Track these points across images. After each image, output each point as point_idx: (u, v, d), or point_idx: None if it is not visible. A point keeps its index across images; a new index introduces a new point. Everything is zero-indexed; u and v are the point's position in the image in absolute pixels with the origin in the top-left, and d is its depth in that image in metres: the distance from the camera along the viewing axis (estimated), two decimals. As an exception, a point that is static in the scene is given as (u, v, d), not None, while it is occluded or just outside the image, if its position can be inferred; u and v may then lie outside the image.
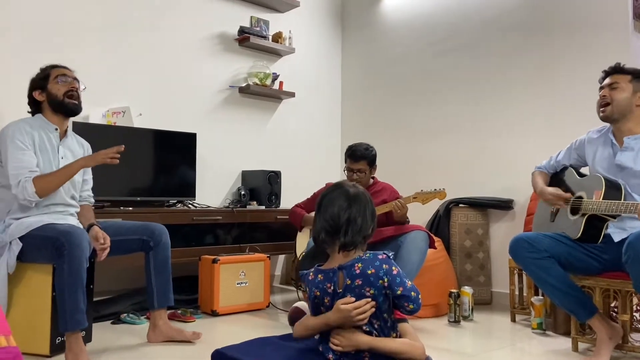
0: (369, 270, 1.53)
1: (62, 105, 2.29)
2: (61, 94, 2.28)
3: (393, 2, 4.23)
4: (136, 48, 3.45)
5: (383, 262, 1.54)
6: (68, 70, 2.35)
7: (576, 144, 2.52)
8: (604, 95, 2.30)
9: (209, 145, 3.73)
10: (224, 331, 2.68)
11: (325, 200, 1.61)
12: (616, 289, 2.29)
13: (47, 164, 2.24)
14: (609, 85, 2.31)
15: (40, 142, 2.24)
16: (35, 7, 3.06)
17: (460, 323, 2.86)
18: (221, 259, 3.00)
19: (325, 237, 1.58)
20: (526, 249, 2.29)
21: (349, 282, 1.53)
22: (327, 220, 1.58)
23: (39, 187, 2.11)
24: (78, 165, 2.21)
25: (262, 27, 4.01)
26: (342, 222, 1.56)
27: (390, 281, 1.53)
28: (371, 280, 1.52)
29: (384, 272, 1.53)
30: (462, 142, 3.71)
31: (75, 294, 1.99)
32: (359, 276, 1.53)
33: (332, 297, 1.57)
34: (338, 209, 1.57)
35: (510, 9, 3.49)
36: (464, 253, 3.41)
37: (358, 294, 1.53)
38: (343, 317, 1.53)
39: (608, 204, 2.12)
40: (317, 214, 1.62)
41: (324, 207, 1.60)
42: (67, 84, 2.30)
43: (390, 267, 1.54)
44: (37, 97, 2.29)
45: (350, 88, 4.56)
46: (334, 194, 1.61)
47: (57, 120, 2.32)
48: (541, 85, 3.33)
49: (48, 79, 2.29)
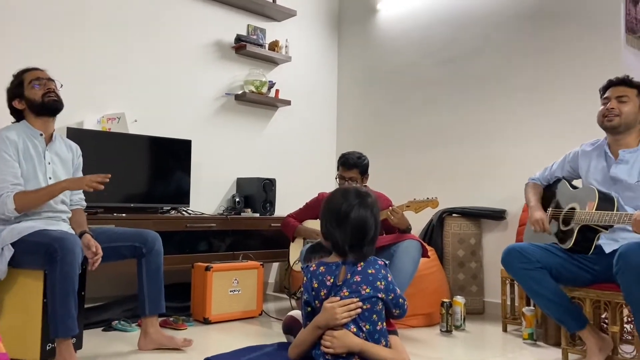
0: (369, 270, 1.62)
1: (43, 106, 2.27)
2: (39, 96, 2.26)
3: (389, 12, 4.26)
4: (132, 54, 3.46)
5: (382, 267, 1.65)
6: (41, 71, 2.32)
7: (570, 156, 2.53)
8: (613, 108, 2.28)
9: (204, 152, 3.74)
10: (216, 339, 2.68)
11: (353, 215, 1.64)
12: (606, 301, 2.30)
13: (32, 172, 2.22)
14: (618, 98, 2.29)
15: (24, 149, 2.22)
16: (30, 12, 3.07)
17: (452, 333, 2.86)
18: (214, 267, 2.99)
19: (350, 248, 1.64)
20: (518, 259, 2.30)
21: (349, 276, 1.60)
22: (354, 234, 1.63)
23: (19, 203, 2.10)
24: (61, 187, 2.19)
25: (259, 35, 4.04)
26: (369, 238, 1.65)
27: (386, 285, 1.61)
28: (370, 280, 1.60)
29: (383, 276, 1.62)
30: (456, 152, 3.73)
31: (67, 301, 1.99)
32: (360, 273, 1.61)
33: (329, 290, 1.61)
34: (367, 225, 1.65)
35: (506, 22, 3.53)
36: (457, 262, 3.42)
37: (354, 290, 1.58)
38: (329, 315, 1.55)
39: (601, 214, 2.14)
40: (342, 225, 1.64)
41: (354, 221, 1.64)
42: (43, 86, 2.28)
43: (387, 273, 1.64)
44: (17, 105, 2.28)
45: (346, 97, 4.58)
46: (361, 211, 1.65)
47: (41, 124, 2.30)
48: (535, 97, 3.36)
49: (23, 85, 2.27)
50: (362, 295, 1.58)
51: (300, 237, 3.17)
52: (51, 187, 2.19)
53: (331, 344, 1.56)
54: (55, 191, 2.19)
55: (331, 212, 1.66)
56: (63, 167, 2.37)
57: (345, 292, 1.59)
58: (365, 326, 1.58)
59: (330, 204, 1.69)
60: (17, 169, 2.17)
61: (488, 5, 3.63)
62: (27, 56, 3.01)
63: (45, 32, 3.11)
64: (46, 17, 3.12)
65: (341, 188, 1.78)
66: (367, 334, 1.58)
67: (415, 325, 2.96)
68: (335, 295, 1.60)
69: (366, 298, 1.58)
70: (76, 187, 2.22)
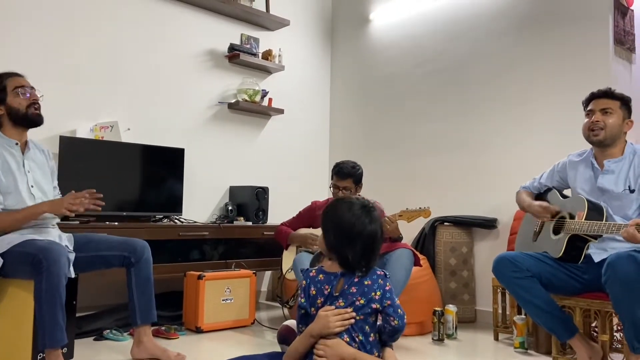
0: (366, 281, 1.62)
1: (26, 118, 2.25)
2: (24, 107, 2.24)
3: (382, 22, 4.30)
4: (126, 63, 3.47)
5: (380, 277, 1.65)
6: (22, 78, 2.29)
7: (558, 166, 2.57)
8: (597, 120, 2.31)
9: (197, 161, 3.74)
10: (208, 348, 2.67)
11: (365, 232, 1.64)
12: (596, 309, 2.32)
13: (13, 184, 2.19)
14: (603, 110, 2.32)
15: (3, 162, 2.19)
16: (23, 20, 3.07)
17: (444, 341, 2.87)
18: (207, 275, 2.99)
19: (359, 264, 1.64)
20: (509, 268, 2.32)
21: (346, 287, 1.61)
22: (366, 250, 1.64)
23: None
24: (41, 211, 2.17)
25: (252, 44, 4.06)
26: (377, 252, 1.67)
27: (381, 295, 1.61)
28: (365, 291, 1.60)
29: (379, 286, 1.62)
30: (448, 161, 3.76)
31: (54, 311, 1.97)
32: (356, 284, 1.61)
33: (325, 299, 1.63)
34: (377, 240, 1.66)
35: (496, 33, 3.57)
36: (449, 271, 3.44)
37: (350, 301, 1.60)
38: (323, 324, 1.57)
39: (590, 224, 2.16)
40: (353, 242, 1.64)
41: (365, 238, 1.64)
42: (29, 96, 2.25)
43: (385, 283, 1.64)
44: None
45: (339, 106, 4.61)
46: (372, 226, 1.66)
47: (16, 134, 2.27)
48: (524, 107, 3.39)
49: (5, 91, 2.22)
50: (356, 306, 1.59)
51: (294, 244, 3.17)
52: (31, 210, 2.16)
53: (324, 352, 1.56)
54: (34, 215, 2.16)
55: (341, 228, 1.65)
56: (41, 173, 2.35)
57: (340, 302, 1.60)
58: (357, 337, 1.59)
59: (338, 218, 1.66)
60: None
61: (478, 16, 3.67)
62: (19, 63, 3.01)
63: (38, 40, 3.11)
64: (38, 25, 3.12)
65: (344, 200, 1.73)
66: (359, 344, 1.59)
67: (407, 334, 2.96)
68: (330, 305, 1.61)
69: (360, 308, 1.59)
70: (56, 211, 2.17)
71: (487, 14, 3.63)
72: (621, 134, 2.33)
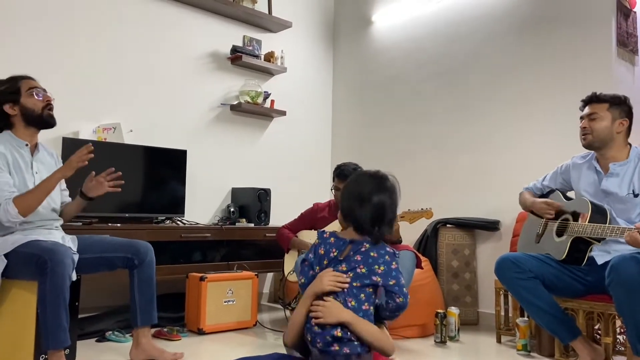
0: (372, 253, 1.62)
1: (40, 119, 2.26)
2: (39, 107, 2.25)
3: (384, 24, 4.31)
4: (128, 64, 3.48)
5: (387, 253, 1.63)
6: (34, 81, 2.31)
7: (562, 168, 2.57)
8: (584, 127, 2.36)
9: (200, 162, 3.74)
10: (210, 350, 2.67)
11: (375, 199, 1.66)
12: (599, 312, 2.31)
13: (22, 183, 2.21)
14: (588, 116, 2.36)
15: (13, 161, 2.20)
16: (26, 22, 3.08)
17: (446, 344, 2.86)
18: (209, 277, 2.99)
19: (371, 227, 1.65)
20: (511, 269, 2.32)
21: (352, 254, 1.62)
22: (373, 215, 1.65)
23: (20, 207, 2.08)
24: (56, 179, 2.16)
25: (255, 46, 4.06)
26: (387, 219, 1.66)
27: (386, 271, 1.59)
28: (369, 262, 1.60)
29: (384, 262, 1.61)
30: (450, 163, 3.76)
31: (58, 312, 1.97)
32: (362, 253, 1.62)
33: (330, 261, 1.65)
34: (387, 206, 1.67)
35: (497, 35, 3.57)
36: (451, 273, 3.43)
37: (352, 267, 1.60)
38: (317, 281, 1.60)
39: (594, 227, 2.16)
40: (363, 205, 1.66)
41: (375, 204, 1.66)
42: (43, 97, 2.27)
43: (391, 261, 1.62)
44: (9, 110, 2.23)
45: (341, 107, 4.61)
46: (382, 195, 1.68)
47: (28, 135, 2.28)
48: (527, 109, 3.39)
49: (20, 92, 2.24)
50: (357, 273, 1.59)
51: (295, 249, 3.17)
52: (46, 181, 2.15)
53: (322, 313, 1.55)
54: (52, 183, 2.16)
55: (351, 192, 1.71)
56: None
57: (343, 266, 1.61)
58: (351, 302, 1.57)
59: (350, 185, 1.75)
60: (9, 179, 2.16)
61: (480, 18, 3.67)
62: (23, 66, 3.02)
63: (41, 42, 3.12)
64: (42, 27, 3.13)
65: (360, 171, 1.86)
66: (351, 309, 1.57)
67: (409, 336, 2.96)
68: (334, 269, 1.62)
69: (360, 276, 1.59)
70: (69, 171, 2.16)
71: (488, 16, 3.63)
72: (613, 135, 2.33)
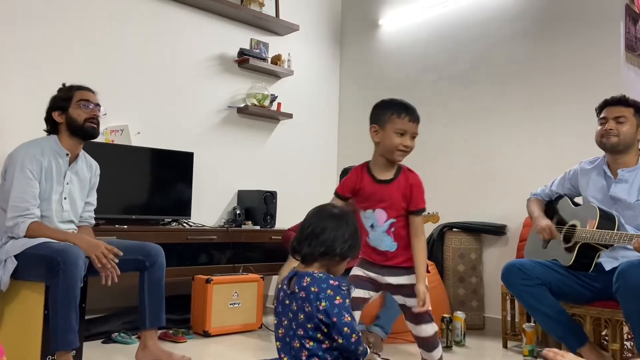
0: (312, 288, 1.49)
1: (81, 129, 2.30)
2: (82, 119, 2.29)
3: (391, 28, 4.31)
4: (136, 67, 3.49)
5: (331, 287, 1.49)
6: (92, 94, 2.35)
7: (570, 174, 2.55)
8: (611, 128, 2.29)
9: (206, 165, 3.75)
10: (215, 352, 2.67)
11: (306, 222, 1.63)
12: (607, 318, 2.30)
13: (48, 192, 2.25)
14: (616, 118, 2.30)
15: (48, 168, 2.25)
16: (34, 25, 3.10)
17: (452, 348, 2.85)
18: (214, 279, 3.00)
19: (295, 244, 1.60)
20: (518, 276, 2.31)
21: (297, 290, 1.52)
22: (299, 230, 1.61)
23: (30, 233, 2.13)
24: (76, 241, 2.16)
25: (262, 49, 4.07)
26: (305, 233, 1.58)
27: (327, 308, 1.46)
28: (311, 298, 1.48)
29: (325, 297, 1.47)
30: (457, 167, 3.75)
31: (68, 314, 1.99)
32: (304, 289, 1.50)
33: (285, 294, 1.57)
34: (308, 223, 1.61)
35: (506, 39, 3.56)
36: (457, 277, 3.42)
37: (299, 306, 1.50)
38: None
39: (601, 233, 2.15)
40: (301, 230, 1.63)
41: (305, 222, 1.64)
42: (89, 110, 2.31)
43: (335, 296, 1.47)
44: (56, 118, 2.30)
45: (348, 110, 4.61)
46: (310, 218, 1.63)
47: (71, 144, 2.33)
48: (534, 113, 3.38)
49: (70, 101, 2.29)
50: (306, 313, 1.49)
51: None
52: (65, 236, 2.19)
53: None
54: (67, 239, 2.17)
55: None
56: (80, 187, 2.40)
57: (294, 306, 1.52)
58: (308, 342, 1.48)
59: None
60: (37, 189, 2.20)
61: (487, 22, 3.66)
62: (30, 66, 3.04)
63: (50, 44, 3.14)
64: (50, 29, 3.15)
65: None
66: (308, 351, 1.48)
67: (413, 340, 2.94)
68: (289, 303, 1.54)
69: (309, 317, 1.48)
70: (91, 251, 2.15)
71: (495, 20, 3.62)
72: (634, 142, 2.31)
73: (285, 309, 1.56)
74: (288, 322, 1.54)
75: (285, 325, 1.55)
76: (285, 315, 1.55)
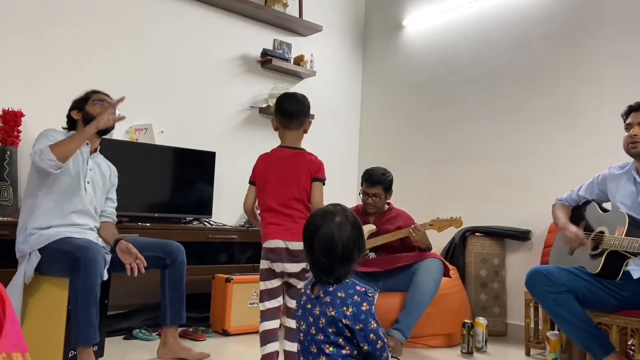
0: (339, 293, 1.47)
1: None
2: (96, 114, 2.35)
3: (415, 29, 4.27)
4: (161, 67, 3.53)
5: (357, 293, 1.46)
6: (108, 97, 2.44)
7: (599, 179, 2.48)
8: (636, 134, 2.25)
9: (228, 164, 3.77)
10: (234, 351, 2.68)
11: (319, 234, 1.52)
12: (634, 327, 2.24)
13: (75, 167, 2.32)
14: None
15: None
16: (61, 27, 3.16)
17: (473, 354, 2.81)
18: (234, 278, 3.01)
19: (321, 269, 1.52)
20: (543, 282, 2.25)
21: (322, 294, 1.49)
22: (322, 252, 1.51)
23: (57, 152, 2.14)
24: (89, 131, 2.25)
25: (285, 50, 4.08)
26: (338, 257, 1.50)
27: (354, 313, 1.44)
28: (337, 303, 1.46)
29: (352, 303, 1.45)
30: (481, 171, 3.69)
31: (89, 309, 2.02)
32: (330, 294, 1.48)
33: (307, 298, 1.55)
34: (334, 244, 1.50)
35: (532, 41, 3.50)
36: (479, 283, 3.37)
37: (322, 310, 1.48)
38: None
39: (630, 240, 2.09)
40: (311, 244, 1.53)
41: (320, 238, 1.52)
42: (104, 108, 2.37)
43: (362, 302, 1.45)
44: (74, 115, 2.41)
45: (369, 112, 4.58)
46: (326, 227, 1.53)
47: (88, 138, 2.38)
48: (561, 116, 3.31)
49: (87, 100, 2.41)
50: (328, 317, 1.46)
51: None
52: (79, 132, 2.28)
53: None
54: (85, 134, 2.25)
55: (303, 234, 1.58)
56: (101, 179, 2.45)
57: (317, 310, 1.49)
58: (328, 348, 1.46)
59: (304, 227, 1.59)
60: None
61: (513, 23, 3.60)
62: (57, 65, 3.10)
63: (75, 45, 3.19)
64: (75, 29, 3.20)
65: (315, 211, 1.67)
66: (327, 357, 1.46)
67: (435, 345, 2.91)
68: (312, 308, 1.51)
69: (331, 321, 1.45)
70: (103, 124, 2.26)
71: (522, 21, 3.56)
72: None
73: (305, 313, 1.55)
74: (307, 327, 1.52)
75: (304, 329, 1.54)
76: (305, 319, 1.54)
